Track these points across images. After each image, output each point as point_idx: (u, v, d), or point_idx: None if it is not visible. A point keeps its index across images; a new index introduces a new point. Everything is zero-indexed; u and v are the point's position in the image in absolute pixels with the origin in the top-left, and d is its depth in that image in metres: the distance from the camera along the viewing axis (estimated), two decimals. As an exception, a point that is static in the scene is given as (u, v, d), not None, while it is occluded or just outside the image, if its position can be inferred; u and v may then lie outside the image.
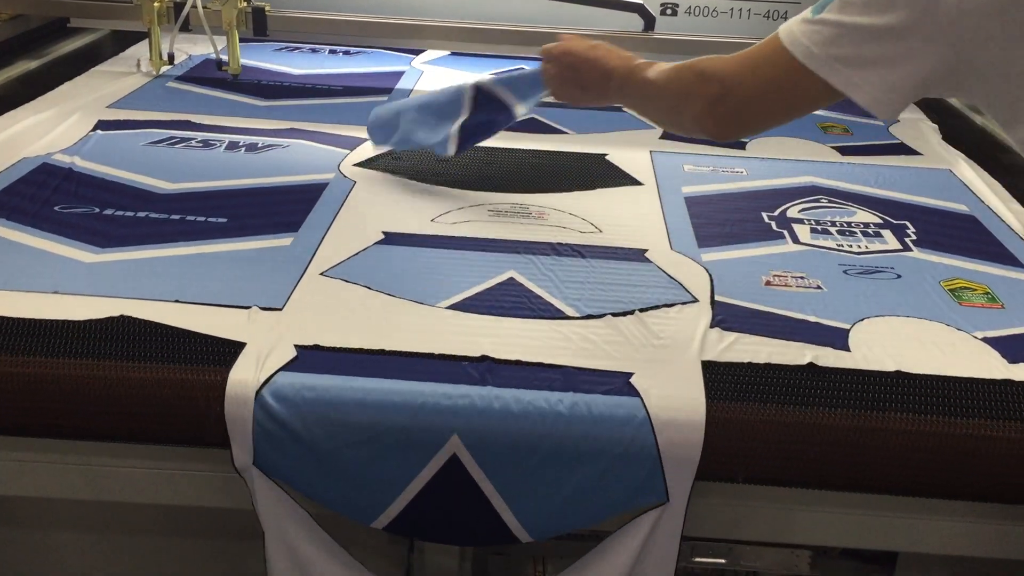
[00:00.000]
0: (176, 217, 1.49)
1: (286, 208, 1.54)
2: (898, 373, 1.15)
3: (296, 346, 1.15)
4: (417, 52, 2.58)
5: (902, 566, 1.30)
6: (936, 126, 2.17)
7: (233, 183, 1.63)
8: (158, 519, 1.33)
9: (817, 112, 2.18)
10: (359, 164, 1.75)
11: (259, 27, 2.30)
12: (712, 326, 1.23)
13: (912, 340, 1.24)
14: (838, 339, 1.22)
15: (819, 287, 1.36)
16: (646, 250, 1.45)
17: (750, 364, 1.16)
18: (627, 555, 1.12)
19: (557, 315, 1.25)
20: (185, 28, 2.22)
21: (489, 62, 2.51)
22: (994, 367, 1.18)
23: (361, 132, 1.91)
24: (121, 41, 2.52)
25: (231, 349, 1.14)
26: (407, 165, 1.76)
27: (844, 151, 1.97)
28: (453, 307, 1.26)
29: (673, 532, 1.12)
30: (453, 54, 2.59)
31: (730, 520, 1.19)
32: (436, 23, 2.40)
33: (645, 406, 1.09)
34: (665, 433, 1.08)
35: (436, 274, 1.35)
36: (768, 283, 1.36)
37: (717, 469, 1.11)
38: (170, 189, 1.59)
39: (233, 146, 1.80)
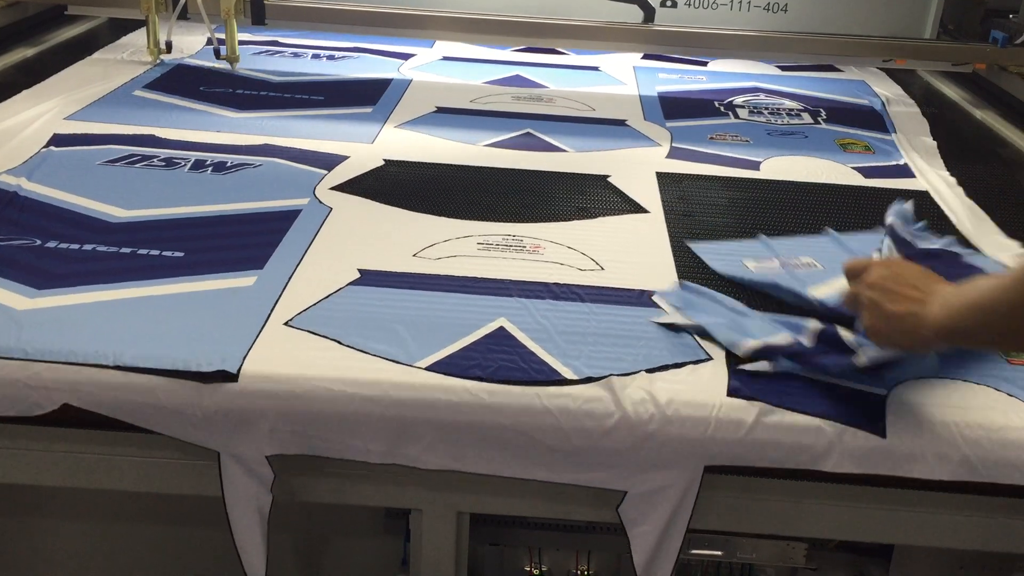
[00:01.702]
0: (127, 251, 1.32)
1: (252, 240, 1.38)
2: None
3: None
4: (407, 57, 2.44)
5: (898, 558, 1.27)
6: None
7: (195, 210, 1.47)
8: (155, 508, 1.29)
9: (835, 128, 2.08)
10: (336, 188, 1.59)
11: (257, 15, 2.22)
12: (729, 394, 1.08)
13: (957, 409, 1.09)
14: (873, 413, 1.07)
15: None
16: (652, 292, 1.30)
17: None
18: None
19: (552, 378, 1.09)
20: (183, 16, 2.19)
21: (479, 67, 2.38)
22: (1051, 447, 1.04)
23: (341, 149, 1.77)
24: (119, 29, 2.49)
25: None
26: (389, 189, 1.60)
27: (867, 173, 1.81)
28: (433, 367, 1.10)
29: None
30: (444, 58, 2.45)
31: (729, 512, 1.14)
32: (438, 12, 2.28)
33: None
34: None
35: (416, 324, 1.18)
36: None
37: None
38: (123, 217, 1.43)
39: (199, 165, 1.64)
